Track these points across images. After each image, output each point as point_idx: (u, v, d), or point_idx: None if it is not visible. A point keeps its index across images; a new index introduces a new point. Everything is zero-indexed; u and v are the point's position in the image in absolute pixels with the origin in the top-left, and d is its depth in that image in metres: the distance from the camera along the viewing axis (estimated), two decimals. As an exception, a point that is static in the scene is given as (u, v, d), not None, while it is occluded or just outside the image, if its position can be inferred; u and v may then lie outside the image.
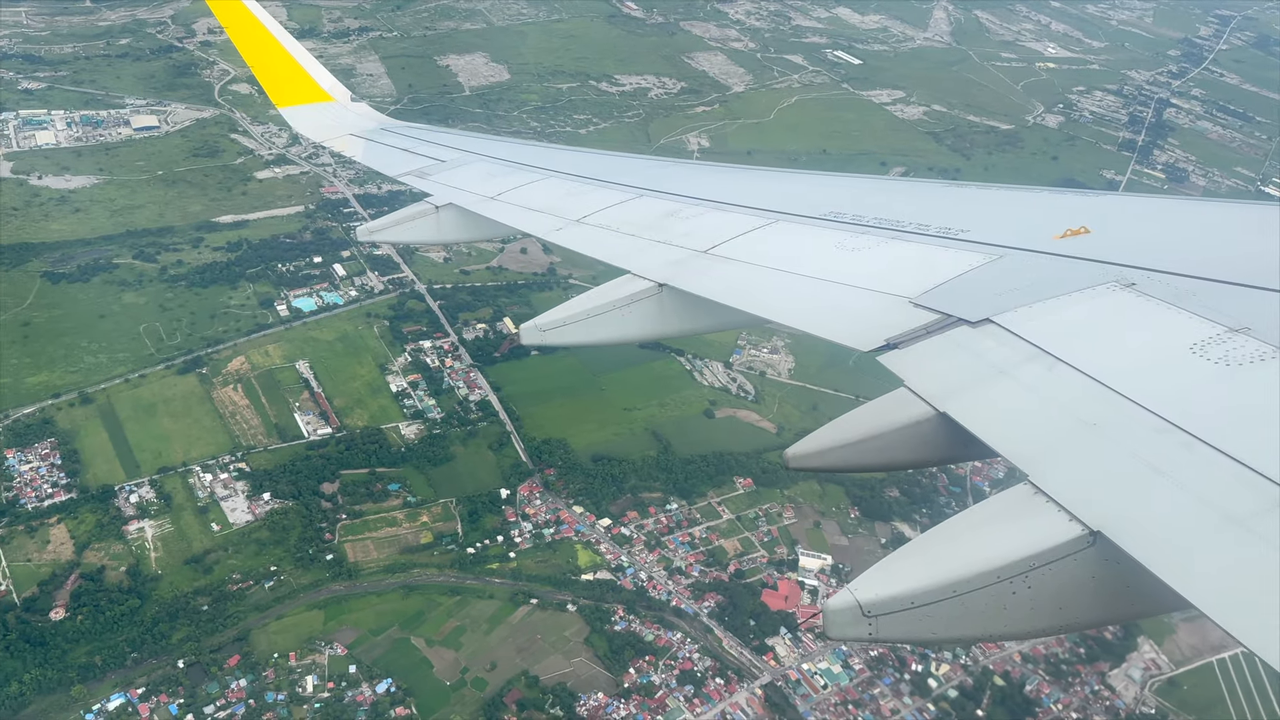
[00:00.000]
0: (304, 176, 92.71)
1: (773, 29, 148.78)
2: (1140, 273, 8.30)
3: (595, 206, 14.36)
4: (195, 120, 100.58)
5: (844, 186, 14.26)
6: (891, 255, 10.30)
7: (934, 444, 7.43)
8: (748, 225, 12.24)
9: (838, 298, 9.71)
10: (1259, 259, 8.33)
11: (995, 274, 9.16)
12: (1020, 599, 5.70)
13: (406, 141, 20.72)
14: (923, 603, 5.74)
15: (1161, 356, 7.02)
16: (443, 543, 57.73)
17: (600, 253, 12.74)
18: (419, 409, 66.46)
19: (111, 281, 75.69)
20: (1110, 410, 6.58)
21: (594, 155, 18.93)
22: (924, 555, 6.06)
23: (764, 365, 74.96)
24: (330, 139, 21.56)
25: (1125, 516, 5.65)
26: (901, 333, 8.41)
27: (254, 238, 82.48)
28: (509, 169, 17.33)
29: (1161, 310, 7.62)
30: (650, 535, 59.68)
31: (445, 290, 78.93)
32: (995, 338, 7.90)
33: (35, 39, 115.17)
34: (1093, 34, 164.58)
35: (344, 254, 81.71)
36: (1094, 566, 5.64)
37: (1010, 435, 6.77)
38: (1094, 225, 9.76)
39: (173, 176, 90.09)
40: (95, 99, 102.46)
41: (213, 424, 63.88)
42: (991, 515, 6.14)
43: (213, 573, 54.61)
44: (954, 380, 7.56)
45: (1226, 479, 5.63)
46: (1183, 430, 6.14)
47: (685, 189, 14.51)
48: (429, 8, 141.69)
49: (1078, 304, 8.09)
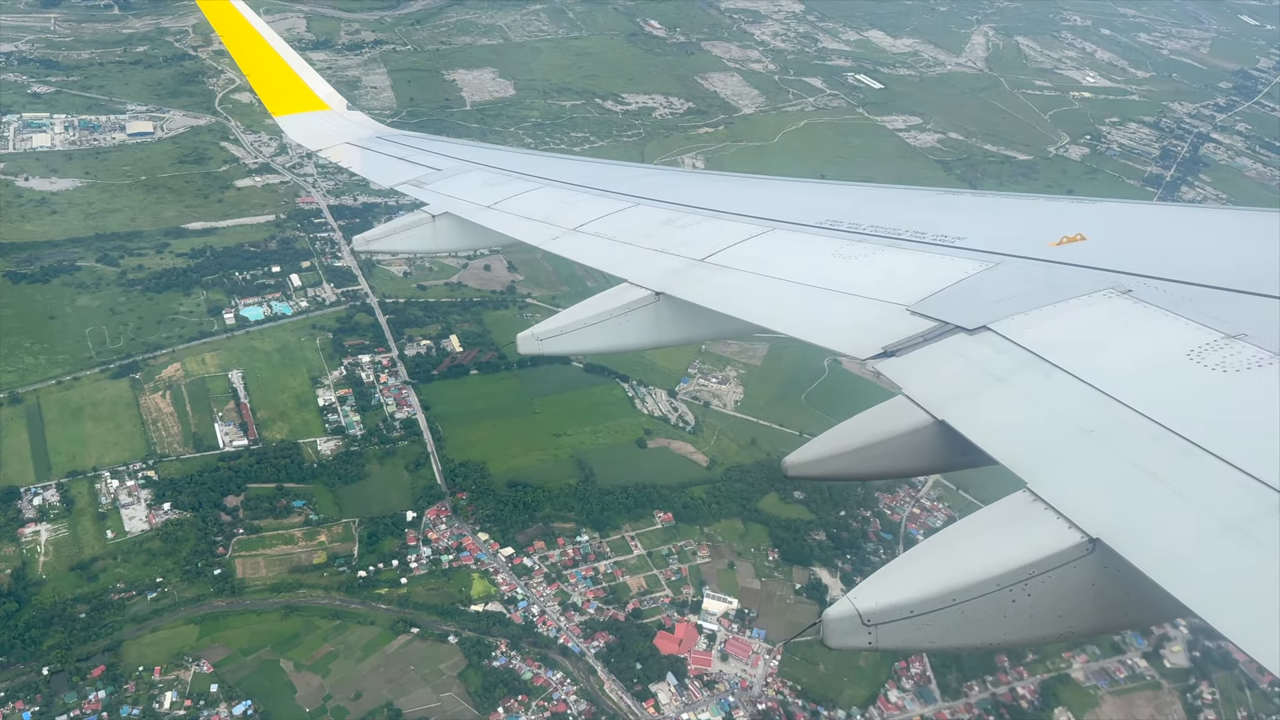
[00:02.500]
0: (283, 186, 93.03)
1: (797, 51, 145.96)
2: (1136, 279, 8.34)
3: (592, 215, 14.36)
4: (190, 128, 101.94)
5: (840, 194, 14.27)
6: (888, 263, 10.33)
7: (932, 452, 7.43)
8: (744, 233, 12.27)
9: (834, 306, 9.75)
10: (1255, 265, 8.38)
11: (992, 281, 9.21)
12: (1020, 607, 5.71)
13: (403, 150, 20.67)
14: (922, 611, 5.73)
15: (1158, 363, 7.06)
16: (335, 564, 56.26)
17: (597, 261, 12.74)
18: (342, 425, 65.34)
19: (70, 283, 76.46)
20: (1108, 417, 6.61)
21: (591, 164, 19.36)
22: (923, 563, 6.05)
23: (711, 395, 72.26)
24: (326, 148, 21.55)
25: (1124, 523, 5.65)
26: (899, 340, 8.45)
27: (219, 245, 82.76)
28: (506, 178, 17.32)
29: (1158, 316, 7.66)
30: (553, 568, 57.42)
31: (398, 305, 78.02)
32: (992, 345, 7.94)
33: (57, 44, 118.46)
34: (1139, 63, 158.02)
35: (304, 264, 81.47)
36: (1093, 574, 5.64)
37: (1008, 442, 6.78)
38: (1090, 232, 9.80)
39: (155, 182, 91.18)
40: (98, 104, 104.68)
41: (133, 430, 63.65)
42: (990, 523, 6.09)
43: (97, 580, 53.95)
44: (952, 388, 7.57)
45: (1225, 485, 5.64)
46: (1180, 436, 6.16)
47: (682, 197, 14.52)
48: (449, 23, 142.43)
49: (1074, 311, 8.12)
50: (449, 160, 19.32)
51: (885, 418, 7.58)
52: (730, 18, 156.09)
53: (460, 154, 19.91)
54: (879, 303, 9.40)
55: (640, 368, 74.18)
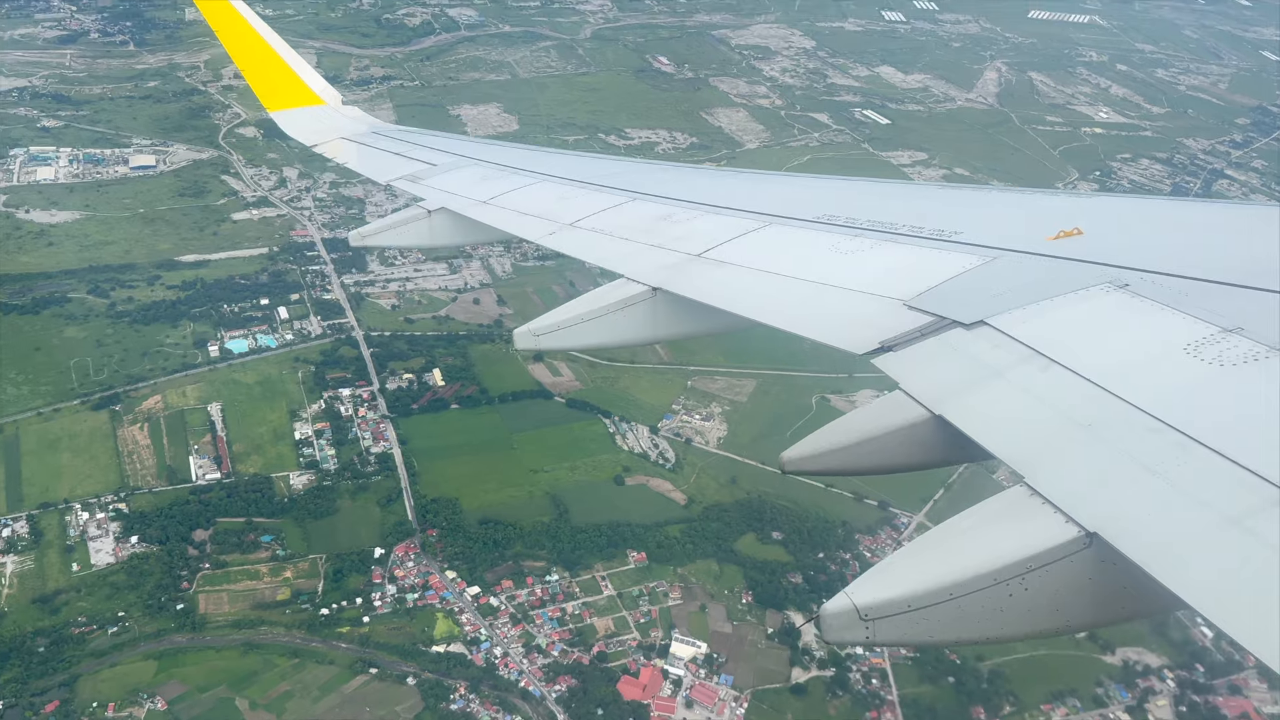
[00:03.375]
0: (279, 219, 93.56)
1: (805, 86, 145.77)
2: (1134, 273, 8.37)
3: (589, 210, 14.29)
4: (192, 161, 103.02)
5: (837, 189, 14.36)
6: (885, 258, 10.33)
7: (929, 446, 7.43)
8: (741, 228, 12.25)
9: (831, 301, 9.75)
10: (1252, 259, 8.42)
11: (989, 276, 9.22)
12: (1017, 601, 5.71)
13: (399, 145, 20.45)
14: (919, 605, 5.72)
15: (1155, 357, 7.08)
16: (299, 601, 55.51)
17: (593, 256, 12.71)
18: (316, 459, 64.88)
19: (59, 315, 76.97)
20: (1105, 411, 6.62)
21: (588, 159, 19.10)
22: (921, 558, 6.03)
23: (694, 432, 71.16)
24: (321, 143, 21.47)
25: (1121, 517, 5.65)
26: (896, 335, 8.46)
27: (210, 277, 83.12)
28: (503, 173, 17.21)
29: (1155, 311, 7.68)
30: (520, 607, 56.31)
31: (383, 338, 77.79)
32: (989, 340, 7.97)
33: (71, 80, 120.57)
34: (1155, 99, 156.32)
35: (293, 297, 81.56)
36: (1091, 568, 5.65)
37: (1005, 437, 6.80)
38: (1087, 226, 9.82)
39: (153, 215, 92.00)
40: (105, 138, 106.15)
41: (108, 462, 63.52)
42: (988, 517, 6.09)
43: (59, 614, 53.54)
44: (949, 382, 7.58)
45: (1221, 479, 5.64)
46: (1177, 431, 6.16)
47: (679, 193, 14.45)
48: (458, 59, 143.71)
49: (1072, 305, 8.15)
50: (445, 155, 19.14)
51: (882, 413, 7.59)
52: (740, 54, 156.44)
53: (457, 149, 19.73)
54: (876, 298, 9.39)
55: (623, 403, 73.35)
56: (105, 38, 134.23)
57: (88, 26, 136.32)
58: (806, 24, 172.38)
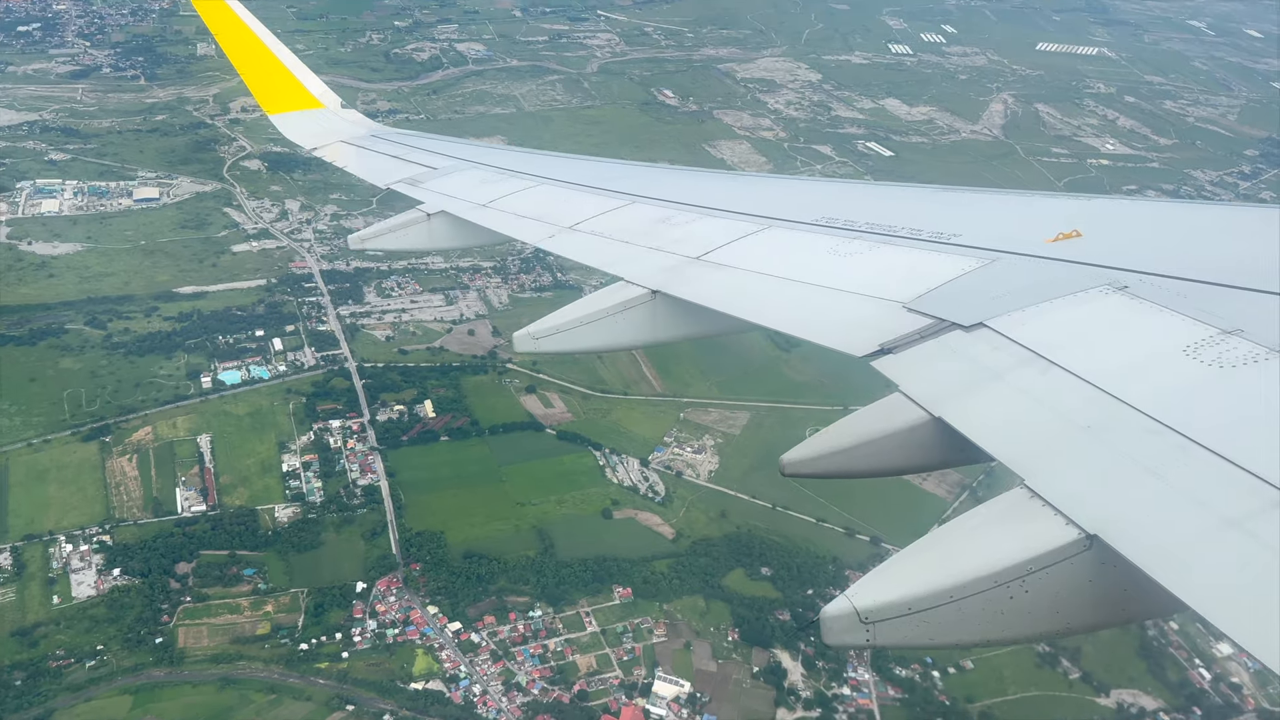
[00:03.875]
0: (279, 251, 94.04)
1: (809, 119, 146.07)
2: (1133, 275, 8.35)
3: (588, 213, 14.27)
4: (195, 193, 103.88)
5: (836, 192, 14.35)
6: (884, 260, 10.32)
7: (929, 449, 7.42)
8: (740, 231, 12.24)
9: (830, 303, 9.75)
10: (1251, 261, 8.39)
11: (988, 278, 9.21)
12: (1018, 603, 5.68)
13: (398, 149, 20.52)
14: (920, 608, 5.71)
15: (1155, 359, 7.06)
16: (279, 635, 55.01)
17: (592, 259, 12.71)
18: (303, 491, 64.59)
19: (56, 346, 77.31)
20: (1104, 413, 6.59)
21: (588, 162, 19.16)
22: (921, 560, 5.99)
23: (685, 465, 70.50)
24: (321, 146, 21.50)
25: (1121, 519, 5.62)
26: (895, 337, 8.47)
27: (207, 309, 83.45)
28: (502, 176, 17.23)
29: (1154, 313, 7.67)
30: (501, 644, 55.57)
31: (376, 370, 77.69)
32: (989, 342, 7.96)
33: (81, 114, 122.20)
34: (1162, 130, 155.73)
35: (288, 328, 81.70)
36: (1091, 570, 5.62)
37: (1005, 439, 6.79)
38: (1086, 229, 9.81)
39: (153, 246, 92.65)
40: (110, 170, 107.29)
41: (95, 494, 63.44)
42: (988, 520, 6.07)
43: (38, 647, 53.24)
44: (948, 384, 7.57)
45: (1221, 481, 5.61)
46: (1177, 432, 6.14)
47: (678, 195, 14.42)
48: (465, 92, 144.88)
49: (1071, 307, 8.13)
50: (444, 159, 19.17)
51: (882, 415, 7.56)
52: (745, 87, 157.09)
53: (456, 152, 19.76)
54: (875, 300, 9.39)
55: (615, 435, 72.83)
56: (117, 72, 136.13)
57: (100, 62, 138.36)
58: (813, 57, 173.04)
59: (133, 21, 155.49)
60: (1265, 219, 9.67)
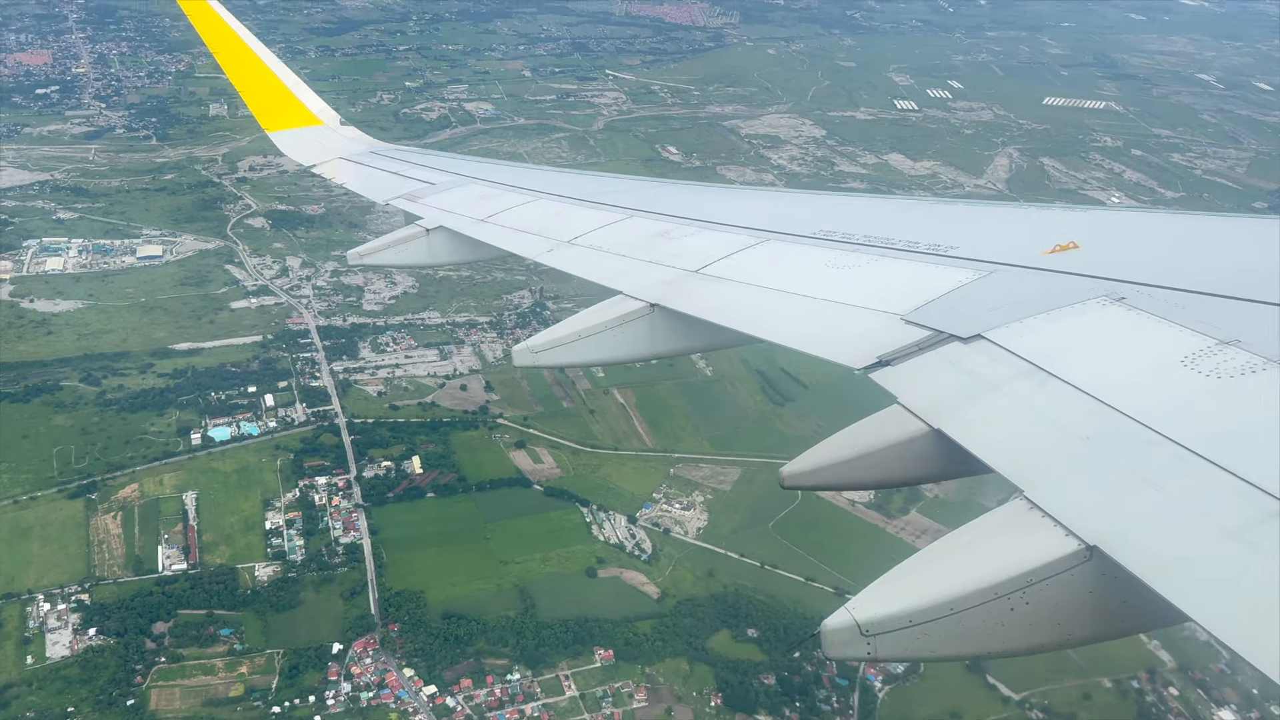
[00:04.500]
0: (277, 307, 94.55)
1: (812, 174, 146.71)
2: (1130, 286, 8.35)
3: (586, 228, 14.42)
4: (198, 251, 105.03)
5: (833, 205, 14.47)
6: (882, 273, 10.34)
7: (928, 461, 7.40)
8: (738, 244, 12.31)
9: (829, 316, 9.76)
10: (1247, 271, 8.41)
11: (985, 290, 9.23)
12: (1018, 615, 5.65)
13: (397, 165, 20.83)
14: (920, 620, 5.67)
15: (1153, 370, 7.06)
16: (251, 697, 54.05)
17: (591, 273, 12.77)
18: (284, 549, 64.03)
19: (50, 403, 77.66)
20: (1103, 424, 6.58)
21: (585, 177, 19.50)
22: (921, 572, 5.96)
23: (673, 521, 69.48)
24: (319, 163, 21.77)
25: (1121, 530, 5.60)
26: (893, 350, 8.47)
27: (201, 365, 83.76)
28: (500, 191, 17.45)
29: (1152, 324, 7.68)
30: (477, 709, 54.39)
31: (366, 425, 77.46)
32: (987, 353, 7.96)
33: (92, 173, 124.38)
34: (1169, 184, 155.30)
35: (281, 384, 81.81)
36: (1092, 581, 5.60)
37: (1004, 450, 6.76)
38: (1083, 240, 9.80)
39: (153, 304, 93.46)
40: (116, 229, 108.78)
41: (77, 551, 63.13)
42: (988, 531, 6.04)
43: (9, 708, 52.46)
44: (947, 396, 7.59)
45: (1221, 491, 5.60)
46: (1176, 443, 6.13)
47: (675, 209, 14.57)
48: (471, 150, 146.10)
49: (1069, 319, 8.15)
50: (443, 174, 19.33)
51: (881, 427, 7.57)
52: (749, 143, 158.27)
53: (455, 168, 19.93)
54: (873, 312, 9.42)
55: (603, 491, 72.04)
56: (130, 133, 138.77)
57: (115, 123, 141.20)
58: (818, 114, 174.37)
59: (149, 84, 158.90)
60: (1261, 229, 9.69)
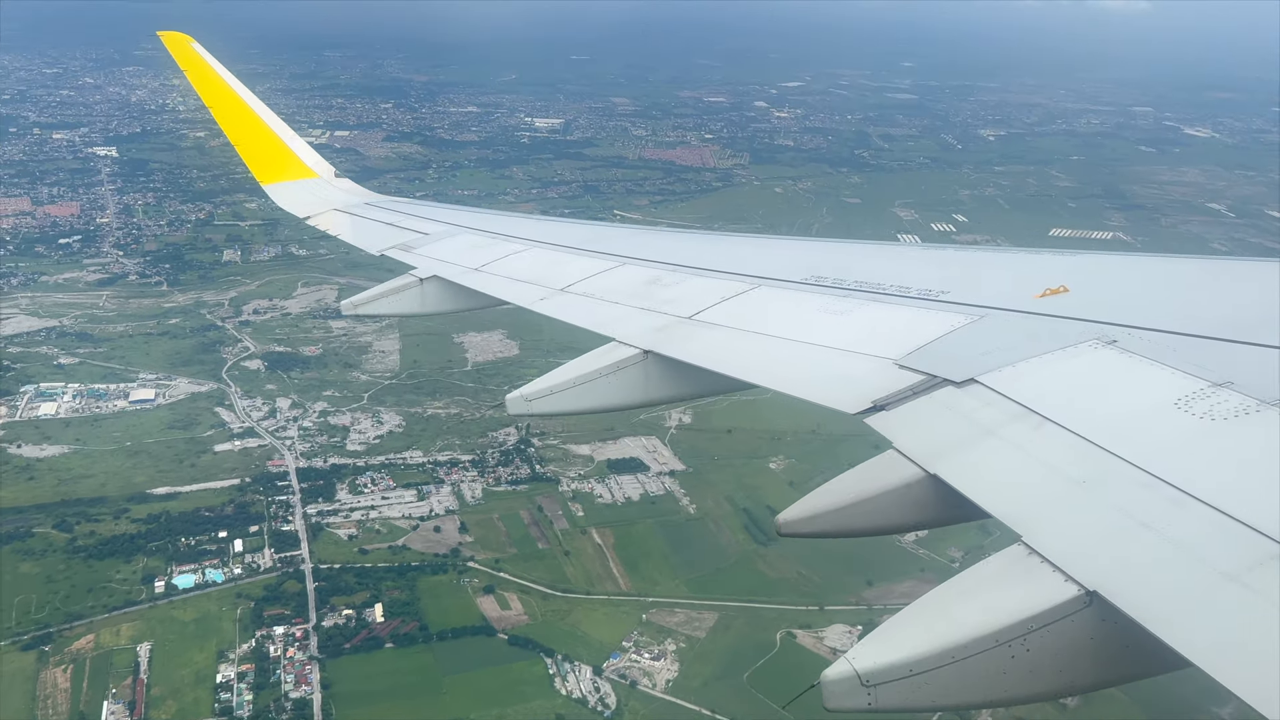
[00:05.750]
0: (260, 449, 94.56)
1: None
2: (1121, 329, 8.41)
3: (579, 275, 14.50)
4: (191, 394, 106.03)
5: (824, 251, 14.57)
6: (874, 318, 10.38)
7: (925, 506, 7.33)
8: (730, 291, 12.32)
9: (822, 361, 9.78)
10: (1238, 313, 8.45)
11: (978, 334, 9.27)
12: (1020, 663, 5.56)
13: (391, 216, 20.96)
14: (921, 670, 5.56)
15: (1147, 412, 7.07)
16: None
17: (584, 320, 12.83)
18: (232, 704, 61.75)
19: (20, 550, 77.04)
20: (1099, 467, 6.55)
21: (578, 225, 19.64)
22: (921, 620, 5.85)
23: (641, 673, 66.42)
24: (314, 215, 21.84)
25: (1120, 575, 5.56)
26: (888, 394, 8.49)
27: (176, 510, 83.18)
28: (494, 240, 17.57)
29: (1144, 366, 7.71)
30: None
31: (333, 571, 75.85)
32: (981, 398, 7.98)
33: (100, 319, 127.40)
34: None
35: (253, 529, 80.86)
36: (1092, 627, 5.51)
37: (1000, 495, 6.72)
38: (1073, 284, 9.89)
39: (138, 447, 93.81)
40: (114, 373, 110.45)
41: (22, 706, 61.23)
42: (986, 578, 5.97)
43: None
44: (942, 441, 7.57)
45: (1218, 534, 5.58)
46: (1172, 486, 6.12)
47: (668, 256, 14.61)
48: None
49: (1061, 362, 8.17)
50: (437, 224, 19.47)
51: (877, 473, 7.53)
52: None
53: (449, 218, 20.10)
54: (866, 357, 9.43)
55: (571, 640, 69.40)
56: (143, 279, 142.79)
57: (129, 269, 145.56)
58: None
59: (168, 231, 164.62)
60: (1250, 271, 9.80)
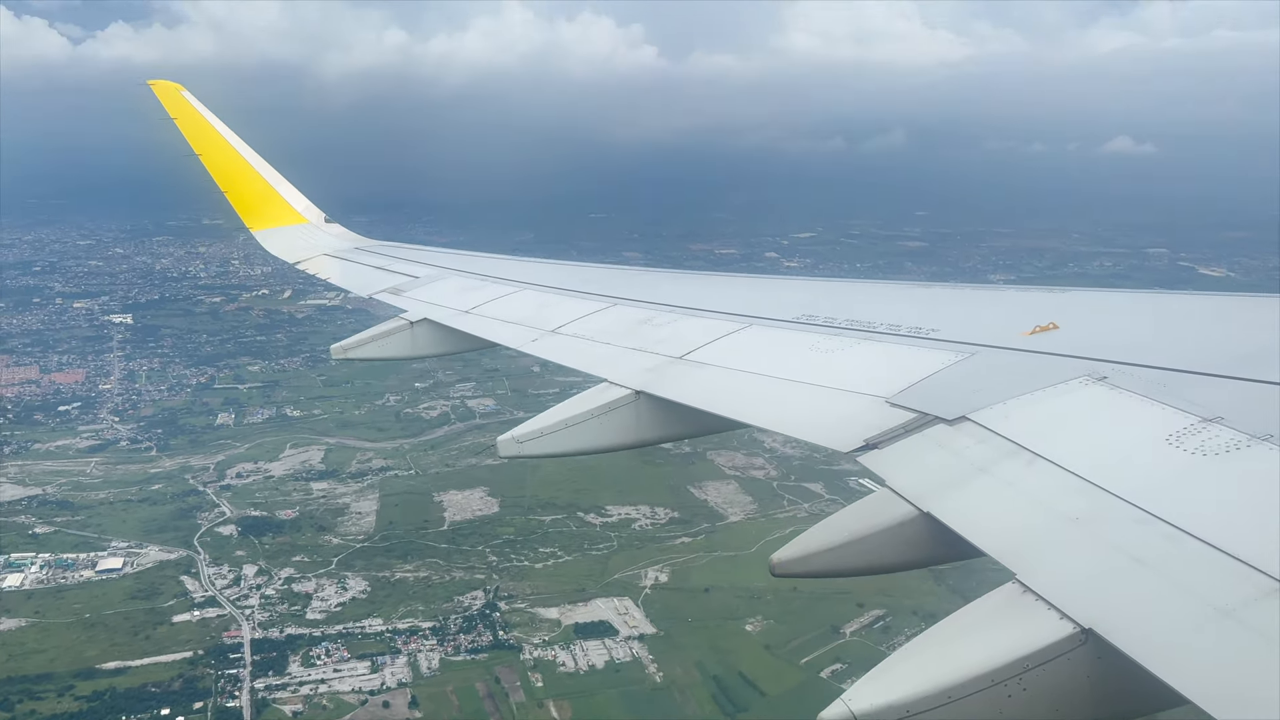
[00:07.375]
0: (218, 619, 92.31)
1: (804, 456, 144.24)
2: (1111, 365, 8.43)
3: (570, 316, 14.52)
4: (159, 562, 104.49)
5: (815, 290, 14.64)
6: (865, 356, 10.41)
7: (918, 545, 7.25)
8: (721, 330, 12.38)
9: (814, 399, 9.78)
10: (1227, 348, 8.48)
11: (968, 371, 9.30)
12: (1016, 702, 5.44)
13: (381, 260, 21.02)
14: (918, 710, 5.41)
15: (1139, 448, 7.04)
16: None
17: (575, 361, 12.88)
18: None
19: (-46, 733, 74.63)
20: (1092, 504, 6.50)
21: (568, 267, 19.55)
22: (917, 660, 5.75)
23: None
24: (304, 260, 21.90)
25: (1115, 612, 5.50)
26: (880, 433, 8.47)
27: (123, 686, 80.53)
28: (484, 283, 17.61)
29: (1135, 402, 7.72)
30: None
31: (273, 749, 72.47)
32: (973, 435, 7.95)
33: (85, 486, 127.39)
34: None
35: (196, 706, 77.96)
36: (1089, 665, 5.42)
37: (994, 533, 6.65)
38: (1062, 321, 9.89)
39: (96, 619, 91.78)
40: (87, 542, 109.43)
41: None
42: (982, 617, 5.85)
43: None
44: (935, 479, 7.53)
45: (1212, 569, 5.52)
46: (1166, 522, 6.06)
47: (659, 296, 14.66)
48: (462, 445, 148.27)
49: (1052, 398, 8.18)
50: (428, 268, 19.48)
51: (870, 512, 7.48)
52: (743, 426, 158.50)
53: (439, 261, 20.20)
54: (858, 395, 9.44)
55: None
56: (133, 445, 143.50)
57: (121, 435, 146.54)
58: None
59: (167, 396, 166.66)
60: (1238, 307, 9.77)
